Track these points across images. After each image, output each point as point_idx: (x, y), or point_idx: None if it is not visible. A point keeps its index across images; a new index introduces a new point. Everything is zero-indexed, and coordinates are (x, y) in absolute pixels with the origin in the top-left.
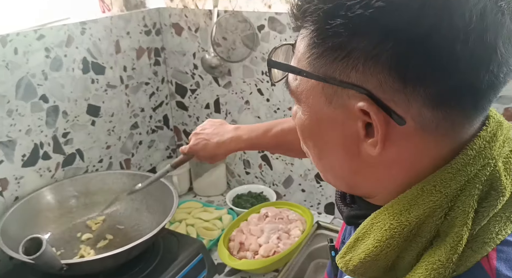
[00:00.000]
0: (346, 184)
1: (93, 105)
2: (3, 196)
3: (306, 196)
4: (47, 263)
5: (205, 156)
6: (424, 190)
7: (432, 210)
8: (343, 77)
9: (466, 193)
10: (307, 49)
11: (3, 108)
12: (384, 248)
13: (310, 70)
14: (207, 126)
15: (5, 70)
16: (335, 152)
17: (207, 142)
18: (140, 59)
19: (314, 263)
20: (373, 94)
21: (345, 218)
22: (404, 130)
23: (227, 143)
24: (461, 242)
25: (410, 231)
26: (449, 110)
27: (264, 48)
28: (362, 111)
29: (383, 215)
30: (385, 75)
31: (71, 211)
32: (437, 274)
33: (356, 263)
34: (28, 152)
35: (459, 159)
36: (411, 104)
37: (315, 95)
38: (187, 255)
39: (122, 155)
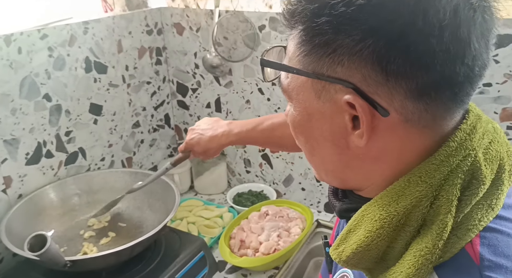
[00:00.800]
0: (337, 178)
1: (96, 104)
2: (7, 193)
3: (306, 195)
4: (51, 260)
5: (199, 150)
6: (411, 181)
7: (418, 200)
8: (330, 72)
9: (450, 182)
10: (297, 48)
11: (7, 107)
12: (375, 238)
13: (300, 67)
14: (202, 122)
15: (9, 69)
16: (325, 146)
17: (201, 136)
18: (141, 58)
19: (314, 260)
20: (358, 88)
21: (337, 212)
22: (388, 122)
23: (219, 137)
24: (446, 229)
25: (399, 220)
26: (430, 102)
27: (265, 48)
28: (348, 104)
29: (373, 207)
30: (369, 70)
31: (74, 209)
32: (425, 260)
33: (349, 254)
34: (32, 151)
35: (442, 151)
36: (394, 96)
37: (305, 91)
38: (189, 252)
39: (124, 154)
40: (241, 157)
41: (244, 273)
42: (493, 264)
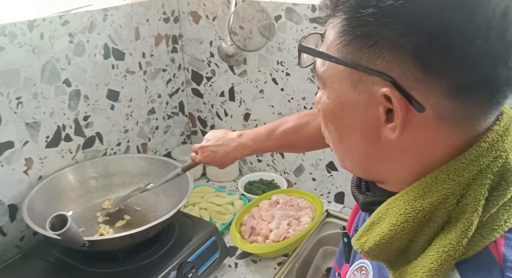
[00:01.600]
0: (362, 168)
1: (113, 90)
2: (28, 175)
3: (317, 185)
4: (71, 239)
5: (215, 165)
6: (438, 178)
7: (445, 197)
8: (369, 64)
9: (478, 182)
10: (337, 37)
11: (29, 91)
12: (399, 232)
13: (338, 56)
14: (210, 137)
15: (32, 54)
16: (355, 136)
17: (214, 154)
18: (158, 46)
19: (322, 249)
20: (397, 82)
21: (361, 204)
22: (422, 118)
23: (234, 152)
24: (471, 227)
25: (424, 216)
26: (466, 101)
27: (280, 38)
28: (385, 97)
29: (398, 201)
30: (409, 65)
31: (91, 191)
32: (447, 256)
33: (371, 245)
34: (52, 134)
35: (473, 150)
36: (431, 93)
37: (341, 80)
38: (201, 237)
39: (139, 139)
40: None
41: (254, 259)
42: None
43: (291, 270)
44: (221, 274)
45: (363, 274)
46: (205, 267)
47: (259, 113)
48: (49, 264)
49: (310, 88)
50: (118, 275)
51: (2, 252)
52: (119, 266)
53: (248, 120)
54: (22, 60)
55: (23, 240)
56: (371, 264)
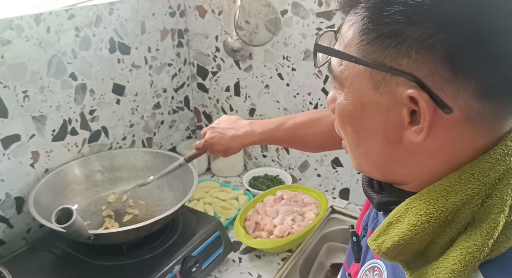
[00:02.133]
0: (380, 171)
1: (119, 84)
2: (35, 168)
3: (322, 181)
4: (76, 232)
5: (219, 149)
6: (462, 178)
7: (469, 197)
8: (394, 64)
9: (505, 182)
10: (358, 35)
11: (36, 84)
12: (419, 232)
13: (358, 55)
14: (222, 121)
15: (38, 48)
16: (375, 138)
17: (222, 135)
18: (164, 40)
19: (326, 245)
20: (423, 82)
21: (376, 204)
22: (449, 120)
23: (241, 137)
24: (497, 228)
25: (446, 217)
26: (497, 102)
27: (286, 33)
28: (410, 98)
29: (418, 201)
30: (437, 65)
31: (97, 185)
32: (472, 258)
33: (390, 246)
34: (58, 127)
35: (498, 150)
36: (460, 94)
37: (361, 81)
38: (205, 231)
39: (145, 134)
40: None
41: (258, 254)
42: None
43: (295, 265)
44: (225, 268)
45: (376, 274)
46: (209, 262)
47: (264, 108)
48: (55, 256)
49: (316, 84)
50: (122, 268)
51: (10, 244)
52: (123, 260)
53: (254, 115)
54: (28, 54)
55: (29, 232)
56: (384, 264)
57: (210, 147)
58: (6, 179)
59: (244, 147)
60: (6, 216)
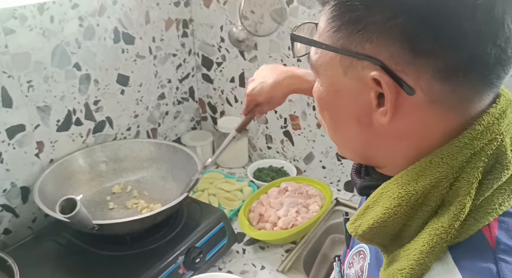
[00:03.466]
0: (359, 155)
1: (123, 75)
2: (40, 158)
3: (326, 173)
4: (80, 222)
5: (263, 100)
6: (432, 162)
7: (438, 181)
8: (359, 49)
9: (472, 165)
10: (327, 23)
11: (40, 74)
12: (392, 215)
13: (329, 43)
14: (261, 70)
15: (42, 38)
16: (349, 122)
17: (262, 85)
18: (168, 30)
19: (331, 237)
20: (386, 65)
21: (358, 188)
22: (414, 101)
23: (283, 82)
24: (463, 210)
25: (417, 200)
26: (458, 83)
27: (292, 23)
28: (374, 81)
29: (392, 185)
30: (397, 48)
31: (101, 175)
32: (439, 239)
33: (365, 228)
34: (62, 118)
35: (467, 134)
36: (421, 75)
37: (333, 67)
38: (209, 222)
39: (149, 125)
40: (263, 132)
41: (262, 246)
42: (508, 248)
43: (299, 257)
44: (229, 259)
45: (361, 258)
46: (213, 253)
47: None
48: (60, 246)
49: None
50: (126, 258)
51: (15, 233)
52: (127, 250)
53: None
54: (32, 43)
55: (35, 221)
56: (368, 248)
57: (254, 102)
58: (11, 168)
59: (289, 95)
60: (12, 205)
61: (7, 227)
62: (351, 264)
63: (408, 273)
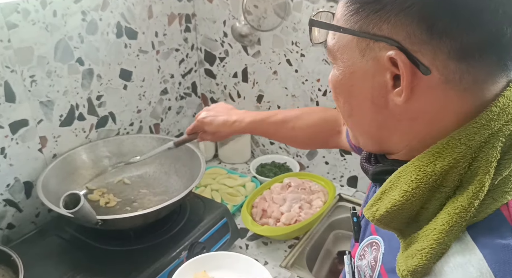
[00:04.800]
0: (374, 140)
1: (126, 70)
2: (43, 153)
3: (330, 169)
4: (84, 217)
5: (209, 131)
6: (449, 143)
7: (456, 161)
8: (376, 30)
9: (490, 145)
10: (345, 7)
11: (43, 69)
12: (410, 198)
13: (347, 26)
14: (218, 106)
15: (45, 32)
16: (364, 105)
17: (214, 118)
18: (171, 25)
19: (334, 233)
20: (402, 45)
21: (371, 175)
22: (429, 81)
23: (231, 123)
24: (483, 189)
25: (435, 181)
26: (473, 63)
27: (296, 17)
28: (391, 61)
29: (409, 168)
30: (414, 27)
31: (104, 170)
32: (459, 218)
33: (383, 212)
34: (65, 113)
35: (484, 115)
36: (437, 55)
37: (350, 50)
38: (212, 218)
39: (152, 120)
40: None
41: (265, 241)
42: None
43: (302, 253)
44: None
45: (374, 249)
46: (216, 248)
47: (273, 95)
48: (64, 241)
49: (325, 70)
50: (130, 253)
51: (19, 227)
52: (131, 245)
53: (261, 102)
54: (35, 38)
55: (38, 216)
56: (382, 239)
57: (201, 128)
58: (14, 163)
59: (233, 134)
60: (15, 200)
61: (10, 221)
62: (362, 256)
63: (428, 252)
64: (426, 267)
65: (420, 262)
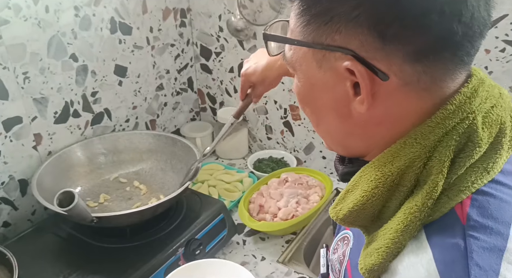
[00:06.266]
0: (343, 147)
1: (120, 66)
2: (38, 150)
3: (327, 163)
4: (79, 215)
5: (257, 80)
6: (406, 143)
7: (411, 161)
8: (329, 41)
9: (444, 144)
10: (297, 19)
11: (36, 66)
12: (370, 198)
13: (301, 38)
14: (257, 52)
15: (37, 28)
16: (329, 115)
17: (256, 65)
18: (166, 20)
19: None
20: (357, 54)
21: (340, 175)
22: (388, 86)
23: (276, 64)
24: (436, 188)
25: (393, 181)
26: (428, 64)
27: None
28: (348, 71)
29: (370, 168)
30: (366, 35)
31: (100, 167)
32: (414, 218)
33: (346, 212)
34: (60, 110)
35: (439, 113)
36: (392, 60)
37: (307, 62)
38: (209, 214)
39: (148, 116)
40: (263, 123)
41: (262, 237)
42: (478, 225)
43: (299, 248)
44: (229, 251)
45: (345, 243)
46: (213, 244)
47: None
48: (60, 238)
49: None
50: (126, 250)
51: (15, 225)
52: (127, 242)
53: None
54: (27, 34)
55: (34, 214)
56: (352, 234)
57: (248, 83)
58: (9, 161)
59: (282, 76)
60: (11, 198)
61: (6, 220)
62: (335, 250)
63: (384, 251)
64: (382, 266)
65: (377, 260)
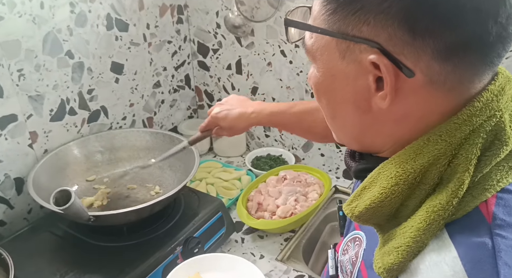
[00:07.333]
0: (358, 141)
1: (117, 63)
2: (33, 148)
3: (325, 161)
4: (75, 214)
5: (225, 126)
6: (430, 139)
7: (436, 158)
8: (356, 32)
9: (470, 141)
10: (322, 6)
11: (31, 63)
12: (389, 195)
13: (324, 26)
14: (231, 98)
15: (32, 25)
16: (347, 108)
17: (228, 111)
18: (163, 16)
19: (330, 225)
20: (384, 47)
21: (353, 172)
22: (413, 83)
23: (248, 115)
24: (462, 187)
25: (415, 178)
26: (458, 63)
27: (289, 7)
28: (373, 64)
29: (389, 165)
30: (395, 28)
31: (97, 165)
32: (437, 216)
33: (362, 209)
34: (56, 107)
35: (466, 111)
36: (420, 56)
37: (329, 51)
38: (207, 212)
39: (145, 113)
40: None
41: (261, 235)
42: (505, 224)
43: (298, 245)
44: (228, 249)
45: (356, 244)
46: (211, 242)
47: (267, 86)
48: (56, 237)
49: None
50: (124, 249)
51: (11, 224)
52: (125, 241)
53: (256, 94)
54: (22, 31)
55: (30, 213)
56: (364, 234)
57: (215, 124)
58: (4, 160)
59: (250, 127)
60: (6, 197)
61: (2, 218)
62: (345, 251)
63: (405, 250)
64: (402, 265)
65: (396, 259)
